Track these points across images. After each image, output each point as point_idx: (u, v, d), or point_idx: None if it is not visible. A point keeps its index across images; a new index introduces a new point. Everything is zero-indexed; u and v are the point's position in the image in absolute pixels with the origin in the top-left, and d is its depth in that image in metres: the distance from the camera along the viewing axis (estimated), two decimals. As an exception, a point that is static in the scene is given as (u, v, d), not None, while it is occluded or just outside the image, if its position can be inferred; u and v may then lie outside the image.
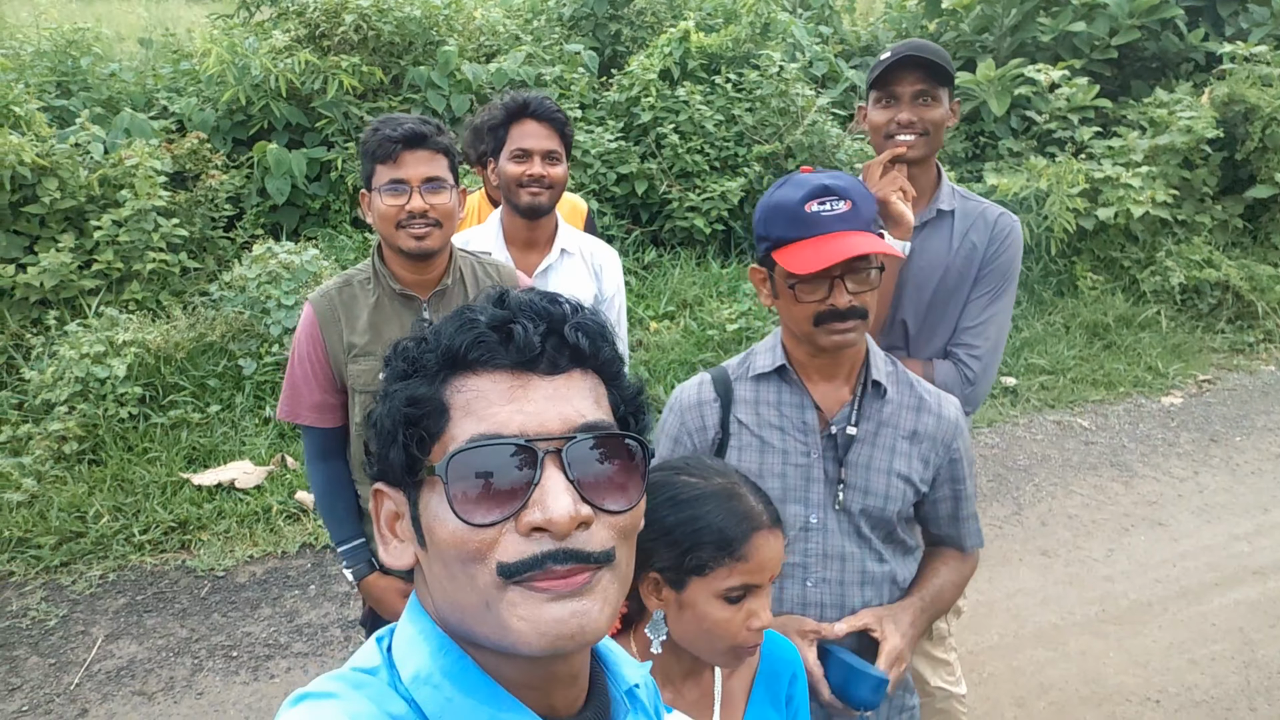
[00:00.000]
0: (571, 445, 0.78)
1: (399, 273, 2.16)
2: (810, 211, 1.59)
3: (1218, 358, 6.59)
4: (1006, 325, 2.35)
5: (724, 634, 1.38)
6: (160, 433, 4.62)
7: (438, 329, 0.83)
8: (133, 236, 5.26)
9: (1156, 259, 7.00)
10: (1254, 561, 4.20)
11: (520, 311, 0.81)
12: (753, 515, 1.39)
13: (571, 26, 7.95)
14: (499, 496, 0.76)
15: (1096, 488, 4.86)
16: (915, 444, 1.74)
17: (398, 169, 2.04)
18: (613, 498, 0.80)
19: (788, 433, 1.73)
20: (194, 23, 9.26)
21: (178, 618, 3.70)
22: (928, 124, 2.20)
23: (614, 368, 0.86)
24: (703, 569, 1.37)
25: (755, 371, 1.76)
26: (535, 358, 0.80)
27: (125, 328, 4.86)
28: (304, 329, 2.18)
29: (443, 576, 0.80)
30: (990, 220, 2.31)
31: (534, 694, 0.82)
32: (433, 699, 0.79)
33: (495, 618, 0.77)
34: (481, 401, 0.79)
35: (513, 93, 2.65)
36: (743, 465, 1.72)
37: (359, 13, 6.58)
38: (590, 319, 0.84)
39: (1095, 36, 8.04)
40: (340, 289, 2.19)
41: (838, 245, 1.57)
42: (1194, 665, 3.54)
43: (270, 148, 6.16)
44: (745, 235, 6.94)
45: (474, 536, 0.76)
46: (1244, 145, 7.30)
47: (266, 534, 4.19)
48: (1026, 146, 7.58)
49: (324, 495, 2.29)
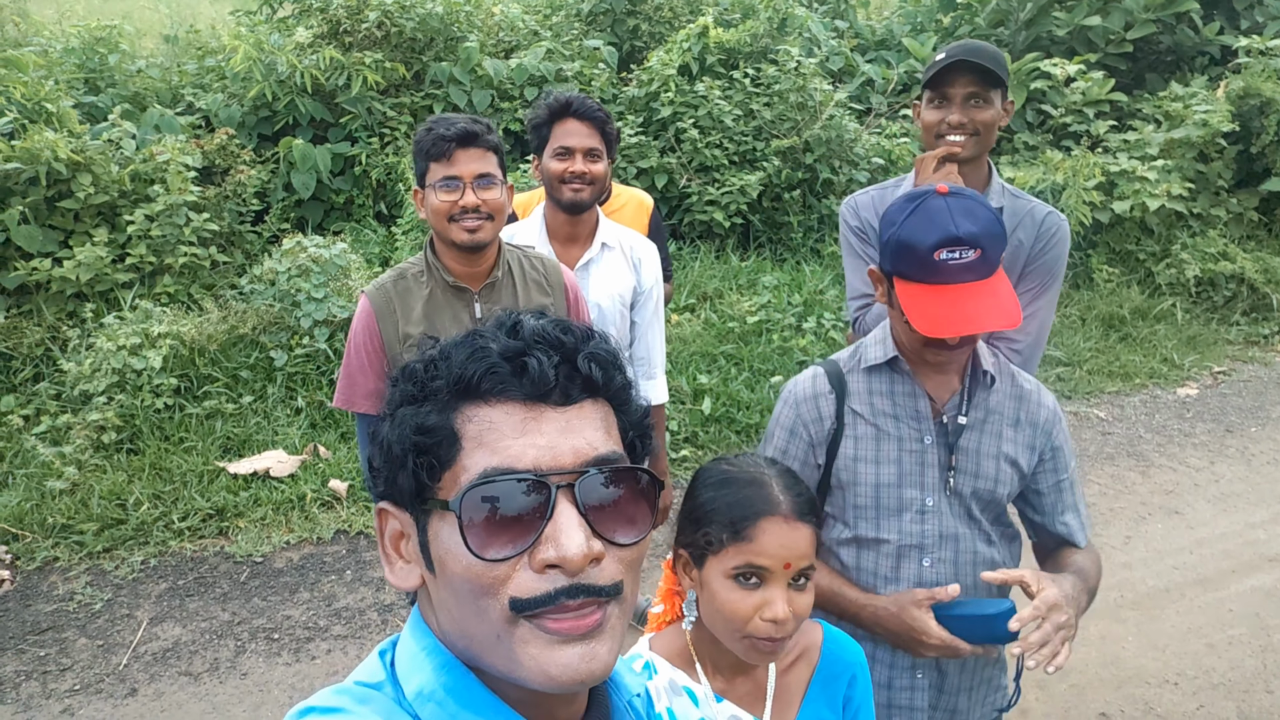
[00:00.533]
0: (584, 480, 0.77)
1: (451, 266, 2.27)
2: (939, 259, 1.58)
3: (1233, 349, 6.64)
4: (1049, 322, 2.40)
5: (734, 617, 1.40)
6: (195, 423, 4.73)
7: (447, 353, 0.82)
8: (164, 231, 5.36)
9: (1172, 252, 7.05)
10: (1270, 549, 4.27)
11: (534, 343, 0.80)
12: (768, 501, 1.43)
13: (590, 22, 8.02)
14: (512, 531, 0.76)
15: (1114, 477, 4.94)
16: (1019, 430, 1.81)
17: (451, 166, 2.16)
18: (623, 530, 0.80)
19: (902, 420, 1.79)
20: (215, 19, 9.35)
21: (219, 601, 3.81)
22: (978, 125, 2.26)
23: (624, 395, 0.85)
24: (714, 546, 1.43)
25: (867, 363, 1.82)
26: (549, 390, 0.79)
27: (159, 320, 4.96)
28: (360, 320, 2.28)
29: (452, 604, 0.80)
30: (1038, 219, 2.35)
31: (536, 710, 0.83)
32: (436, 716, 0.79)
33: (506, 651, 0.77)
34: (494, 434, 0.78)
35: (556, 92, 2.75)
36: (860, 454, 1.79)
37: (382, 9, 6.67)
38: (602, 348, 0.84)
39: (1110, 30, 8.08)
40: (395, 281, 2.29)
41: (965, 310, 1.59)
42: (1211, 649, 3.62)
43: (296, 143, 6.26)
44: (764, 229, 7.01)
45: (488, 572, 0.76)
46: (1259, 139, 7.33)
47: (302, 521, 4.29)
48: (1042, 140, 7.63)
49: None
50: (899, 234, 1.63)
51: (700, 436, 5.09)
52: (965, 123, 2.25)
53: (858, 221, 2.46)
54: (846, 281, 2.51)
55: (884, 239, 1.67)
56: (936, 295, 1.61)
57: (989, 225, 1.62)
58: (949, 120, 2.26)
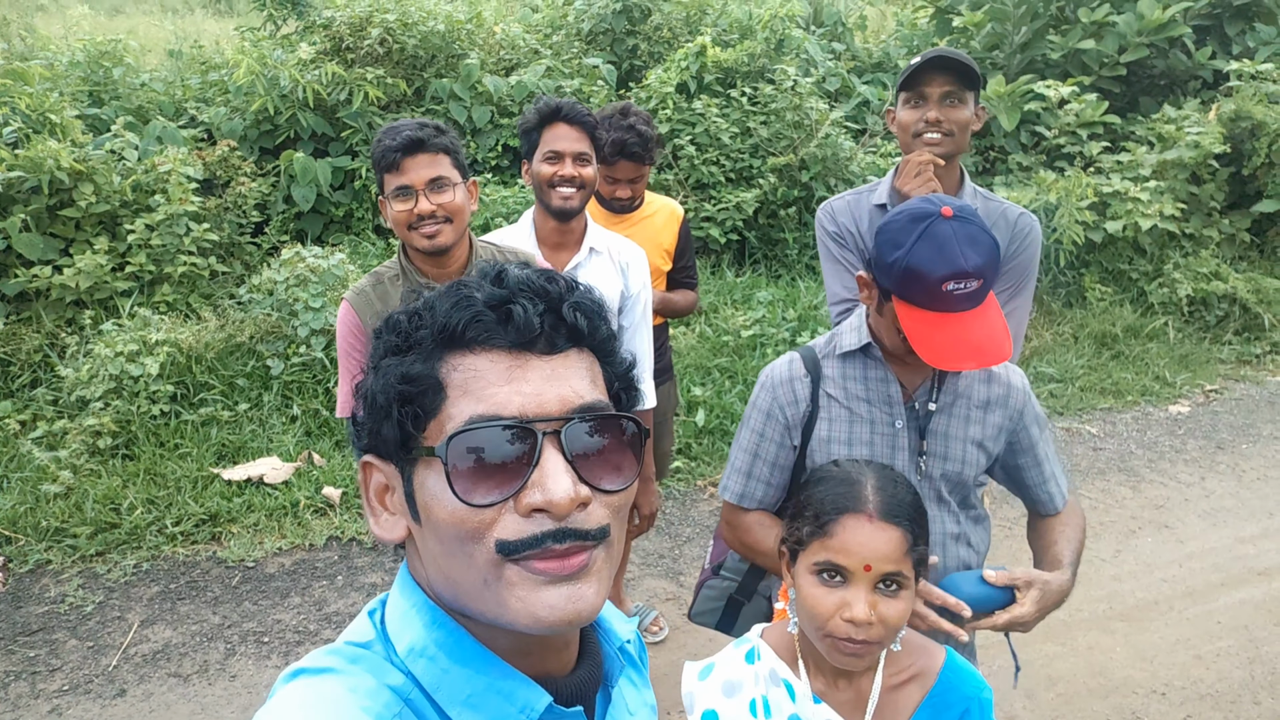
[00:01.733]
0: (570, 426, 0.78)
1: (423, 268, 2.32)
2: (946, 290, 1.61)
3: (1225, 368, 6.68)
4: (1025, 321, 2.45)
5: (815, 614, 1.40)
6: (191, 429, 4.76)
7: (431, 304, 0.81)
8: (164, 240, 5.42)
9: (1164, 271, 7.10)
10: (1259, 563, 4.29)
11: (519, 291, 0.80)
12: (856, 499, 1.43)
13: (590, 41, 8.12)
14: (498, 477, 0.76)
15: (1105, 492, 4.95)
16: (988, 412, 1.88)
17: (402, 175, 2.19)
18: (609, 477, 0.80)
19: (874, 405, 1.85)
20: (219, 36, 9.46)
21: (210, 605, 3.82)
22: (954, 124, 2.31)
23: (609, 345, 0.86)
24: (802, 542, 1.45)
25: (841, 350, 1.88)
26: (534, 338, 0.79)
27: (157, 328, 5.00)
28: (345, 324, 2.32)
29: (438, 553, 0.80)
30: (1011, 219, 2.39)
31: (527, 660, 0.83)
32: (429, 671, 0.80)
33: (493, 595, 0.77)
34: (479, 381, 0.78)
35: (546, 97, 2.78)
36: (833, 435, 1.85)
37: (384, 26, 6.76)
38: (586, 297, 0.84)
39: (1104, 54, 8.17)
40: (374, 286, 2.34)
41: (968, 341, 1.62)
42: (1199, 660, 3.63)
43: (297, 156, 6.33)
44: (759, 245, 7.07)
45: (473, 516, 0.76)
46: (1251, 161, 7.40)
47: (294, 527, 4.31)
48: (1036, 161, 7.70)
49: None
50: (908, 260, 1.63)
51: (694, 448, 5.12)
52: (941, 120, 2.30)
53: (835, 227, 2.48)
54: (826, 286, 2.53)
55: (889, 260, 1.67)
56: (939, 324, 1.65)
57: (991, 254, 1.65)
58: (926, 118, 2.31)
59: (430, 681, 0.80)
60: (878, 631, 1.38)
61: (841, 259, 2.47)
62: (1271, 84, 7.58)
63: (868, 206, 2.47)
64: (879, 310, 1.77)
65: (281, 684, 0.79)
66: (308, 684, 0.77)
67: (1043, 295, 7.00)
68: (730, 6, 8.40)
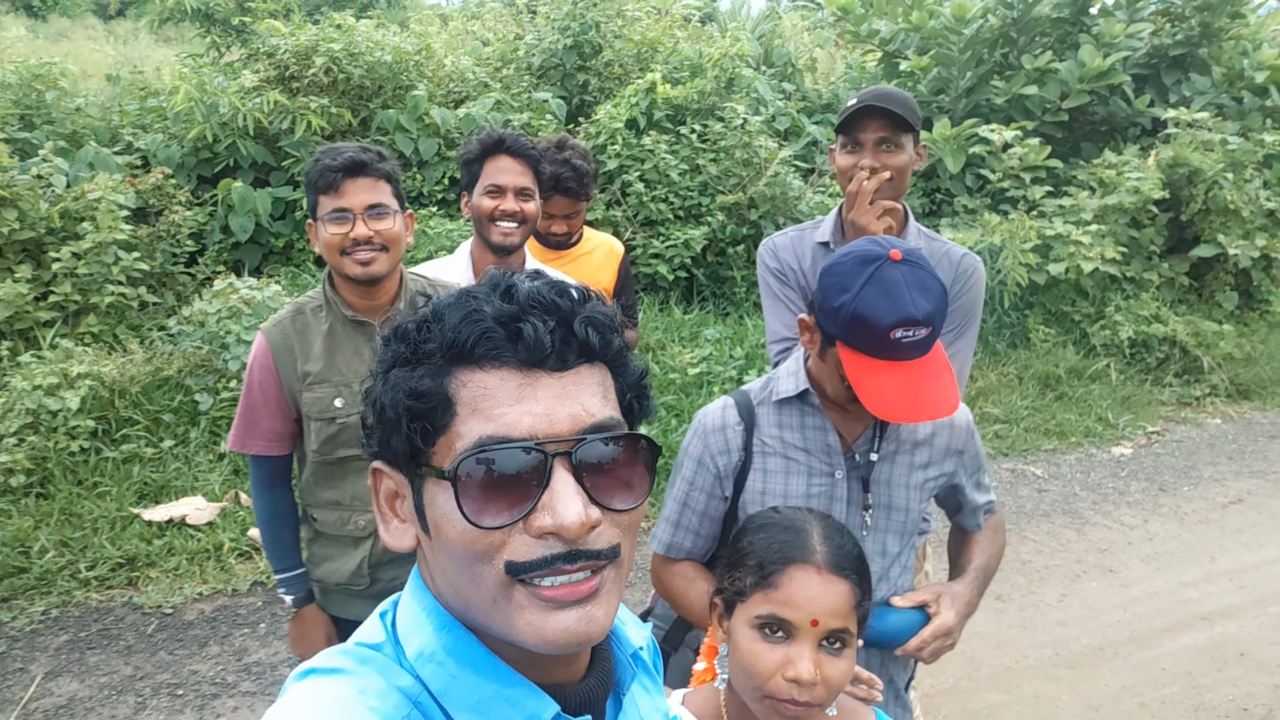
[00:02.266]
0: (581, 447, 0.77)
1: (350, 299, 2.19)
2: (894, 338, 1.55)
3: (1166, 410, 6.75)
4: (968, 363, 2.40)
5: (754, 671, 1.30)
6: (111, 467, 4.54)
7: (440, 313, 0.80)
8: (92, 269, 5.22)
9: (1106, 313, 7.19)
10: (1202, 607, 4.28)
11: (530, 307, 0.78)
12: (802, 548, 1.34)
13: (540, 75, 8.08)
14: (508, 498, 0.75)
15: (1049, 534, 4.93)
16: (931, 450, 1.82)
17: (340, 198, 2.09)
18: (620, 496, 0.79)
19: (812, 454, 1.77)
20: (162, 62, 9.29)
21: (122, 655, 3.61)
22: (890, 169, 2.25)
23: (621, 358, 0.84)
24: (743, 593, 1.35)
25: (778, 396, 1.79)
26: (544, 356, 0.77)
27: (80, 360, 4.79)
28: (256, 360, 2.18)
29: (448, 568, 0.80)
30: (955, 260, 2.34)
31: (536, 670, 0.82)
32: (437, 675, 0.79)
33: (502, 615, 0.77)
34: (489, 400, 0.76)
35: (488, 128, 2.67)
36: (768, 488, 1.76)
37: (330, 56, 6.65)
38: (599, 310, 0.82)
39: (1047, 100, 8.33)
40: (293, 318, 2.20)
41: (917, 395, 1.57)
42: (1144, 708, 3.58)
43: (235, 185, 6.17)
44: (707, 283, 7.03)
45: (483, 538, 0.75)
46: (1189, 206, 7.56)
47: (217, 571, 4.11)
48: (981, 204, 7.79)
49: (268, 523, 2.31)
50: (856, 306, 1.56)
51: (638, 489, 5.01)
52: (876, 167, 2.24)
53: (777, 264, 2.43)
54: (766, 323, 2.46)
55: (835, 304, 1.59)
56: (886, 373, 1.58)
57: (939, 300, 1.59)
58: (861, 164, 2.25)
59: (438, 686, 0.79)
60: (820, 693, 1.29)
61: (782, 296, 2.41)
62: (1207, 132, 7.77)
63: (810, 244, 2.41)
64: (821, 355, 1.69)
65: (291, 683, 0.78)
66: (318, 683, 0.77)
67: (987, 336, 7.04)
68: (681, 45, 8.43)
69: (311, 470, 2.24)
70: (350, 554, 2.25)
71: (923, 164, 2.36)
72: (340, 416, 2.15)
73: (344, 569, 2.26)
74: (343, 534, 2.25)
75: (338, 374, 2.16)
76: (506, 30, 9.18)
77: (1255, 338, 7.64)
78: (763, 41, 10.20)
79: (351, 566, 2.25)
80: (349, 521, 2.24)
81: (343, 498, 2.23)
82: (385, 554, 2.25)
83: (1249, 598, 4.36)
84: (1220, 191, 7.41)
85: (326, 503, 2.25)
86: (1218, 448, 6.19)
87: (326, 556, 2.29)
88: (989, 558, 1.94)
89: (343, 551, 2.26)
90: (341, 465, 2.20)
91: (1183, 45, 8.61)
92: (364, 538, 2.24)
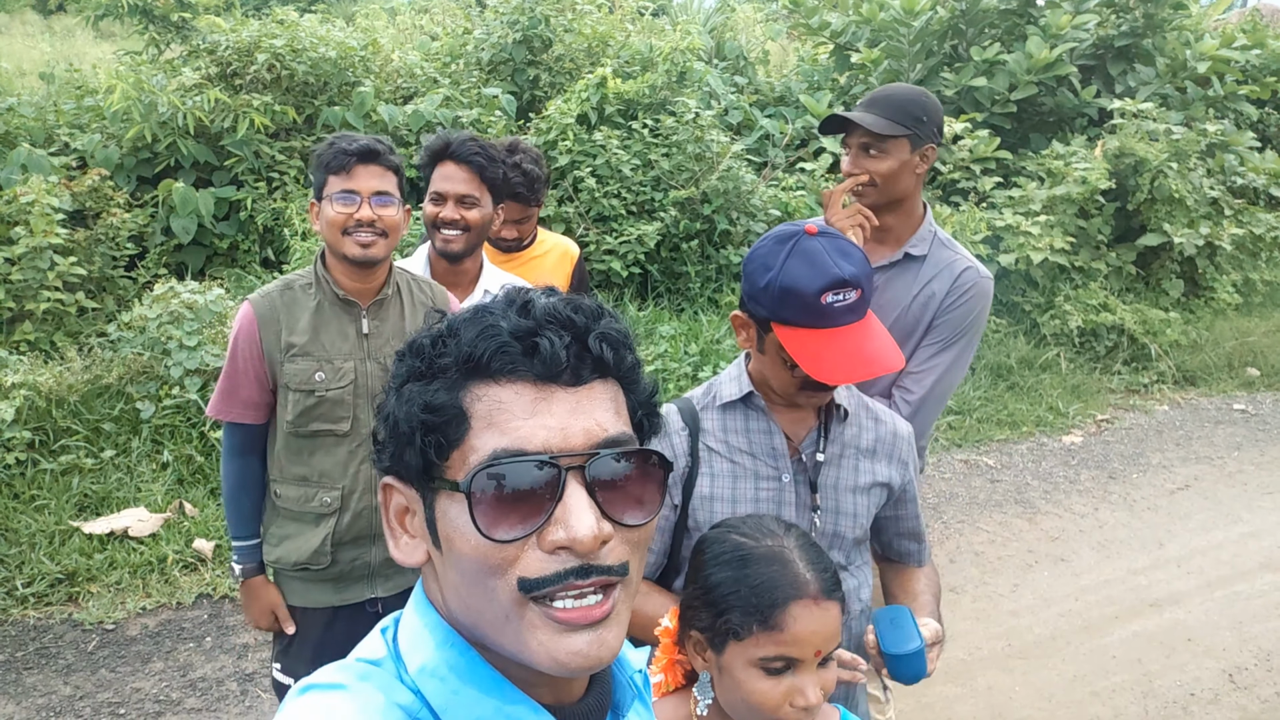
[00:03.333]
0: (594, 462, 0.77)
1: (341, 280, 2.27)
2: (825, 303, 1.56)
3: (1115, 398, 6.85)
4: (953, 379, 2.35)
5: (762, 705, 1.32)
6: (50, 479, 4.41)
7: (455, 328, 0.80)
8: (26, 275, 5.06)
9: (1055, 303, 7.27)
10: (1150, 594, 4.34)
11: (546, 322, 0.79)
12: (796, 583, 1.33)
13: (490, 71, 7.98)
14: (522, 512, 0.76)
15: (1002, 524, 4.98)
16: (874, 460, 1.80)
17: (350, 180, 2.17)
18: (631, 512, 0.80)
19: (759, 458, 1.74)
20: (100, 59, 9.04)
21: (61, 674, 3.50)
22: (875, 175, 2.26)
23: (634, 374, 0.85)
24: (738, 634, 1.33)
25: (721, 400, 1.77)
26: (559, 371, 0.78)
27: (14, 370, 4.64)
28: (241, 327, 2.24)
29: (459, 583, 0.80)
30: (955, 272, 2.31)
31: (537, 689, 0.83)
32: (439, 691, 0.79)
33: (514, 633, 0.77)
34: (503, 414, 0.77)
35: (441, 133, 2.67)
36: (716, 493, 1.74)
37: (272, 52, 6.51)
38: (613, 327, 0.83)
39: (996, 91, 8.40)
40: (281, 291, 2.28)
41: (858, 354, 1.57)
42: (1095, 697, 3.62)
43: (176, 186, 6.02)
44: (662, 279, 7.00)
45: (496, 552, 0.76)
46: (1135, 196, 7.67)
47: (161, 585, 4.01)
48: (932, 196, 7.84)
49: (234, 490, 2.35)
50: (782, 280, 1.58)
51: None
52: (857, 172, 2.27)
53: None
54: None
55: (761, 284, 1.62)
56: (826, 340, 1.58)
57: (863, 264, 1.61)
58: (843, 169, 2.33)
59: (439, 702, 0.79)
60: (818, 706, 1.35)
61: None
62: (1151, 122, 7.89)
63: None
64: (760, 348, 1.69)
65: (292, 698, 0.78)
66: (317, 699, 0.77)
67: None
68: (632, 39, 8.37)
69: (283, 443, 2.28)
70: (311, 532, 2.28)
71: (925, 166, 2.32)
72: (319, 389, 2.22)
73: (305, 547, 2.28)
74: (305, 510, 2.28)
75: (321, 349, 2.23)
76: (455, 25, 9.07)
77: (1201, 325, 7.78)
78: (714, 35, 10.17)
79: (313, 545, 2.27)
80: (313, 498, 2.27)
81: (310, 473, 2.27)
82: (348, 532, 2.29)
83: (1196, 583, 4.44)
84: (1165, 181, 7.52)
85: (293, 477, 2.28)
86: (1165, 434, 6.30)
87: (286, 535, 2.31)
88: (935, 601, 1.90)
89: (303, 530, 2.29)
90: (313, 440, 2.26)
91: (1127, 36, 8.72)
92: (327, 514, 2.28)
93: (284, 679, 2.41)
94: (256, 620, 2.37)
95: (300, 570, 2.31)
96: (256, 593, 2.36)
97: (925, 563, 1.96)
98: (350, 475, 2.26)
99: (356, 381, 2.25)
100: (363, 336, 2.27)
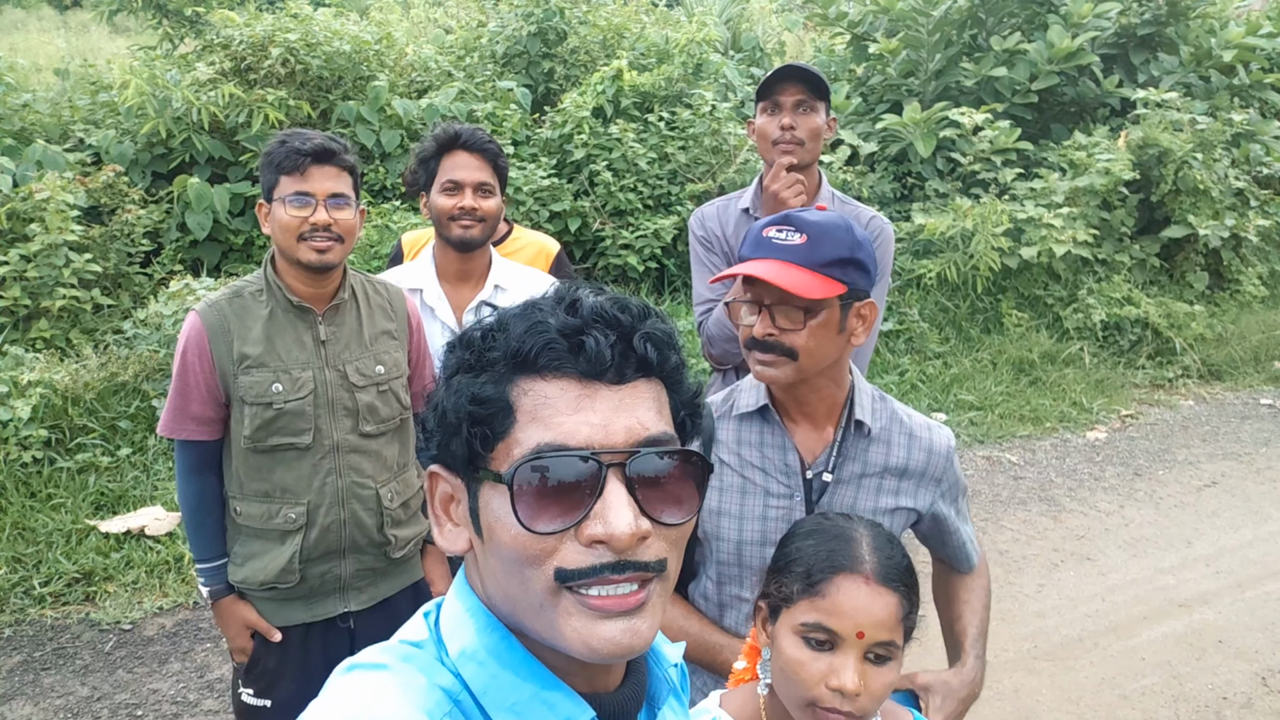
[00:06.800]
0: (635, 459, 0.79)
1: (294, 285, 2.17)
2: (766, 237, 1.58)
3: (1139, 393, 6.75)
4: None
5: (798, 679, 1.28)
6: (66, 477, 4.39)
7: (505, 324, 0.82)
8: (41, 272, 5.05)
9: (1078, 297, 7.17)
10: (1179, 594, 4.26)
11: (592, 321, 0.80)
12: (850, 558, 1.31)
13: (505, 64, 7.93)
14: (562, 505, 0.77)
15: (1026, 522, 4.90)
16: (905, 479, 1.71)
17: (304, 182, 2.08)
18: (670, 510, 0.81)
19: (770, 474, 1.68)
20: (115, 55, 9.03)
21: (78, 675, 3.48)
22: (806, 131, 2.46)
23: (678, 375, 0.86)
24: (789, 600, 1.33)
25: (739, 410, 1.71)
26: (604, 369, 0.80)
27: (31, 367, 4.63)
28: (189, 340, 2.12)
29: (499, 571, 0.81)
30: (863, 221, 2.48)
31: (575, 676, 0.84)
32: (478, 675, 0.81)
33: (548, 620, 0.79)
34: (548, 409, 0.79)
35: (445, 124, 2.61)
36: (723, 507, 1.68)
37: (286, 46, 6.47)
38: (658, 327, 0.84)
39: (1016, 81, 8.29)
40: (230, 300, 2.16)
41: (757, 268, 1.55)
42: (1125, 700, 3.55)
43: (191, 181, 5.99)
44: (678, 273, 6.94)
45: (535, 544, 0.77)
46: (1159, 187, 7.55)
47: (178, 584, 3.99)
48: (952, 188, 7.74)
49: (193, 511, 2.22)
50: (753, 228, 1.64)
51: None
52: (794, 126, 2.45)
53: (703, 231, 2.61)
54: (693, 288, 2.65)
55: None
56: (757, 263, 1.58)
57: (833, 230, 1.56)
58: (781, 123, 2.45)
59: (479, 685, 0.81)
60: (864, 703, 1.28)
61: (707, 262, 2.58)
62: (1175, 112, 7.76)
63: (735, 211, 2.60)
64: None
65: (337, 676, 0.80)
66: (362, 677, 0.79)
67: (961, 322, 7.01)
68: (648, 31, 8.30)
69: (240, 459, 2.16)
70: (277, 550, 2.17)
71: (831, 134, 2.56)
72: (277, 402, 2.11)
73: (272, 565, 2.17)
74: (268, 528, 2.17)
75: (277, 359, 2.13)
76: (470, 18, 9.02)
77: (1226, 318, 7.66)
78: (730, 26, 10.08)
79: (280, 563, 2.16)
80: (276, 515, 2.17)
81: (272, 489, 2.16)
82: (316, 548, 2.19)
83: (1225, 583, 4.35)
84: (1190, 171, 7.40)
85: (254, 494, 2.17)
86: (1191, 430, 6.20)
87: (250, 554, 2.20)
88: (982, 621, 1.84)
89: (268, 548, 2.18)
90: (272, 454, 2.15)
91: (1150, 25, 8.59)
92: (292, 531, 2.17)
93: (256, 702, 2.27)
94: (233, 639, 2.25)
95: (268, 590, 2.20)
96: (228, 612, 2.24)
97: (974, 567, 1.89)
98: (315, 489, 2.16)
99: (316, 391, 2.14)
100: (320, 344, 2.17)
